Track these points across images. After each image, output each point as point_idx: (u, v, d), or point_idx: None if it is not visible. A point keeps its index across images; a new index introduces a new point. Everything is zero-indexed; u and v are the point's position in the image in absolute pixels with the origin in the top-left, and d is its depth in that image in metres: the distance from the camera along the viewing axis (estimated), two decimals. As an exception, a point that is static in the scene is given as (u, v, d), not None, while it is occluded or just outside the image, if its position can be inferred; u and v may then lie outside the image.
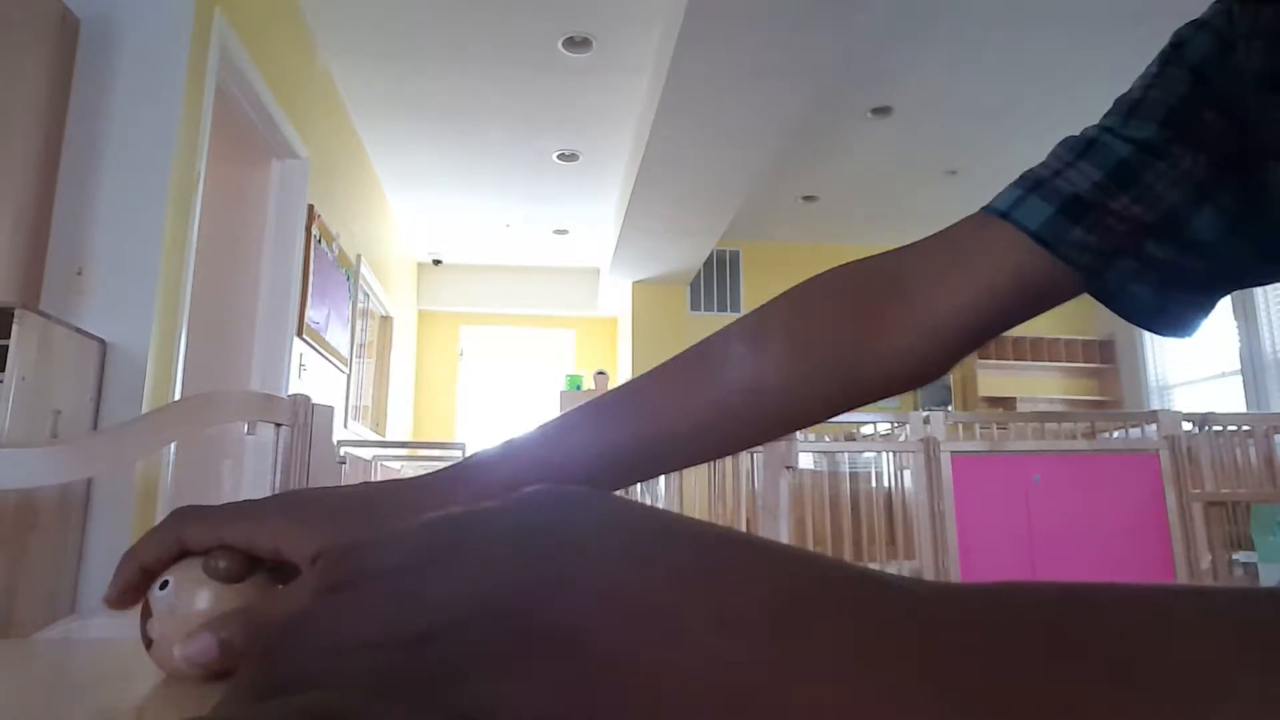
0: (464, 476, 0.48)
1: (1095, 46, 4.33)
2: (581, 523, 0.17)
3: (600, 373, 7.58)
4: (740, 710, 0.14)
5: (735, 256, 7.51)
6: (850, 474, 3.66)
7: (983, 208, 0.50)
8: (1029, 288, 0.48)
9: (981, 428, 3.80)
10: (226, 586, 0.46)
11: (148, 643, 0.45)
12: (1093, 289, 0.49)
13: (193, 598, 0.45)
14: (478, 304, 8.08)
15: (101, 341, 2.35)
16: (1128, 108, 0.48)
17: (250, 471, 3.49)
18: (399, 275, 6.95)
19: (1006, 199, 0.49)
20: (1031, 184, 0.48)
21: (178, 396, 2.59)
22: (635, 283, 7.32)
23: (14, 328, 1.94)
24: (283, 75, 3.59)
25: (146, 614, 0.45)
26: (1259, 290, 6.10)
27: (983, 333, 0.49)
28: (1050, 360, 7.40)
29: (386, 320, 6.50)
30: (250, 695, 0.17)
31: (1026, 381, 7.48)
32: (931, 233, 0.50)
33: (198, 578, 0.46)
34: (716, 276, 7.46)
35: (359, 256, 5.24)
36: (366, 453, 4.73)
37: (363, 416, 5.64)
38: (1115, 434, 4.61)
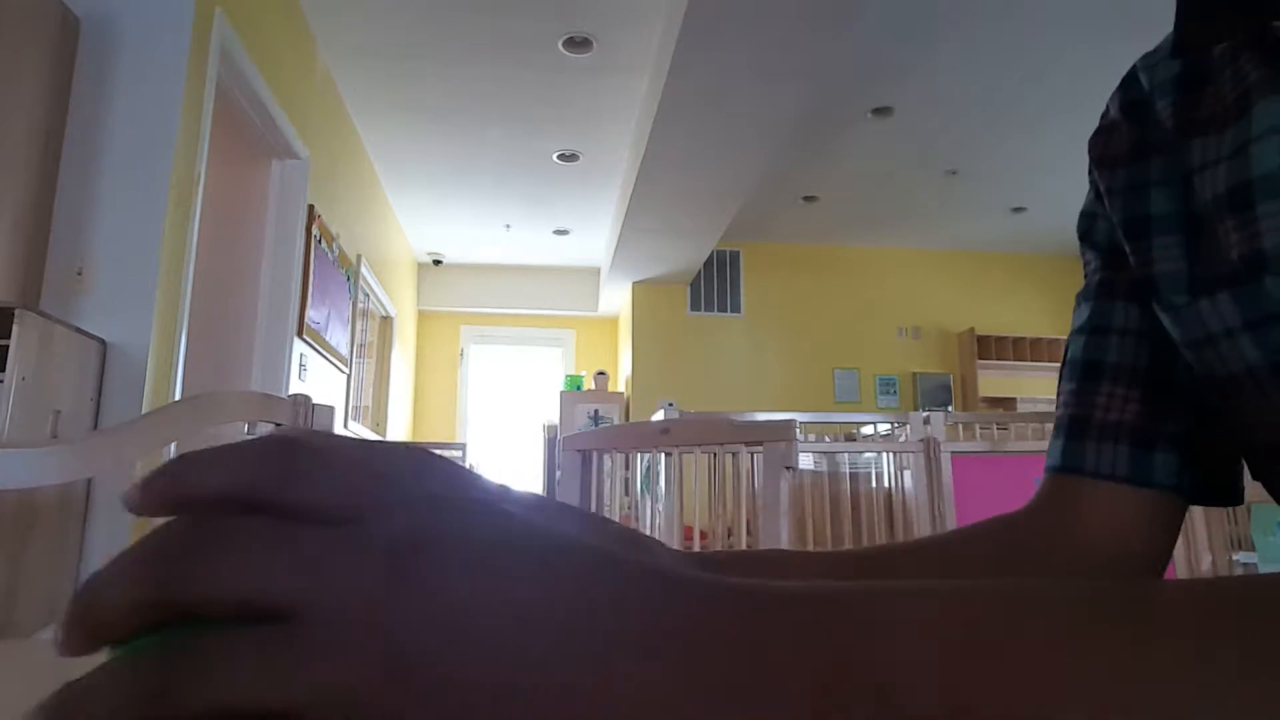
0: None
1: (1095, 46, 4.33)
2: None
3: (600, 373, 7.59)
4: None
5: (735, 256, 7.50)
6: (850, 474, 3.66)
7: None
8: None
9: (982, 428, 3.80)
10: None
11: None
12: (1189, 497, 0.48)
13: None
14: (478, 304, 8.08)
15: (101, 341, 2.35)
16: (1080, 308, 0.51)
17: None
18: (399, 275, 6.95)
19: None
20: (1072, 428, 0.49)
21: (178, 396, 2.59)
22: (635, 283, 7.32)
23: (14, 328, 1.94)
24: (283, 75, 3.59)
25: None
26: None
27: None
28: (1050, 361, 7.38)
29: (386, 320, 6.50)
30: None
31: (1026, 382, 7.47)
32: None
33: None
34: (717, 277, 7.45)
35: (359, 256, 5.24)
36: (366, 453, 4.72)
37: (363, 416, 5.64)
38: (1115, 434, 4.58)
